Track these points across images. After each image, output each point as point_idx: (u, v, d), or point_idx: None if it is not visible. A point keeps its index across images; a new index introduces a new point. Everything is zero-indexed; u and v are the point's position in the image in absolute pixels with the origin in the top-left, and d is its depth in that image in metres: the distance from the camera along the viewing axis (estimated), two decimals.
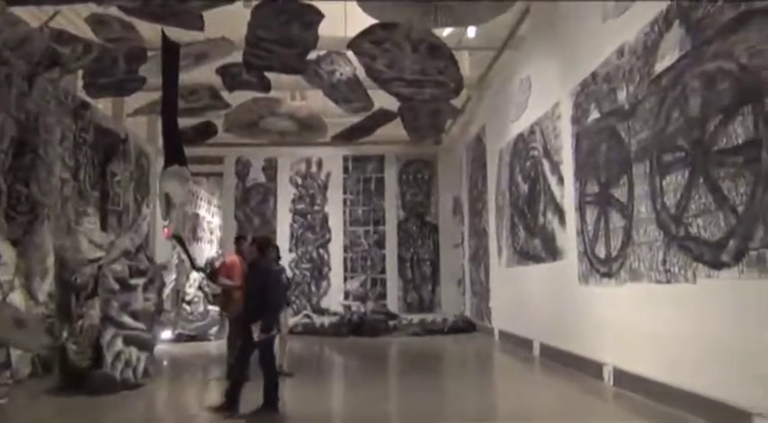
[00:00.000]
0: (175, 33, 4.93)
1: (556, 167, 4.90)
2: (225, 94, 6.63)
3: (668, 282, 3.17)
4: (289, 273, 5.25)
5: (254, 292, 3.44)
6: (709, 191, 2.79)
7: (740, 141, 2.57)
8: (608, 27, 3.88)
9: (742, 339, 2.59)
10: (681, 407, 3.01)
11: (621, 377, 3.73)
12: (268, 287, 3.45)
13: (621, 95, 3.69)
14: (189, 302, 7.67)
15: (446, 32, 6.65)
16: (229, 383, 3.39)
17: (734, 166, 2.61)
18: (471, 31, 7.13)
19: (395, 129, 7.25)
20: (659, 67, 3.23)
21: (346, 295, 9.67)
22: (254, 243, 3.82)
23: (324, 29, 5.03)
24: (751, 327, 2.53)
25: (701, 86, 2.85)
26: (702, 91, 2.84)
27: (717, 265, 2.74)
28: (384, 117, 7.01)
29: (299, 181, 9.95)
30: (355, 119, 7.19)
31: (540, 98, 5.35)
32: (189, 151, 5.04)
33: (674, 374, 3.13)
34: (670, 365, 3.18)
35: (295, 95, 8.14)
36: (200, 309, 7.67)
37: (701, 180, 2.86)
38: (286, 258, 8.74)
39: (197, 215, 12.09)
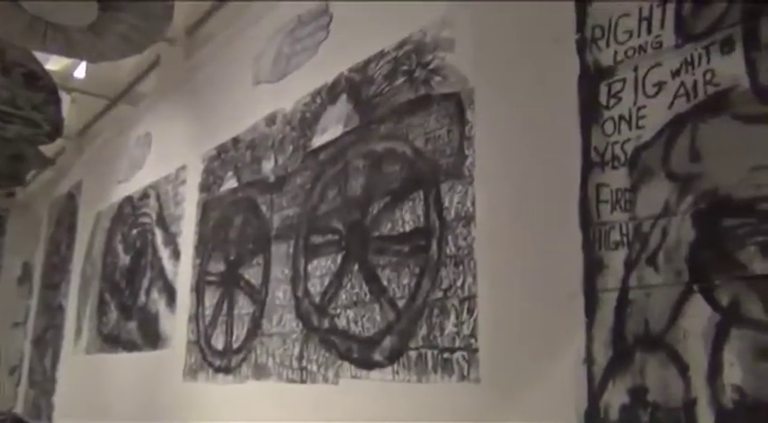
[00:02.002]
0: None
1: (172, 239, 4.22)
2: None
3: (303, 381, 2.76)
4: None
5: None
6: (366, 280, 2.53)
7: (407, 229, 2.38)
8: (259, 91, 3.54)
9: None
10: None
11: None
12: None
13: (267, 166, 3.32)
14: None
15: (52, 64, 5.57)
16: None
17: (397, 254, 2.39)
18: (81, 71, 6.16)
19: None
20: (318, 140, 2.97)
21: None
22: None
23: None
24: None
25: (366, 166, 2.64)
26: (368, 171, 2.63)
27: (367, 364, 2.44)
28: None
29: None
30: None
31: (161, 159, 4.68)
32: None
33: None
34: None
35: None
36: None
37: (356, 267, 2.59)
38: None
39: None
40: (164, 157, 4.64)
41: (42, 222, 7.48)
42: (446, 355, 2.12)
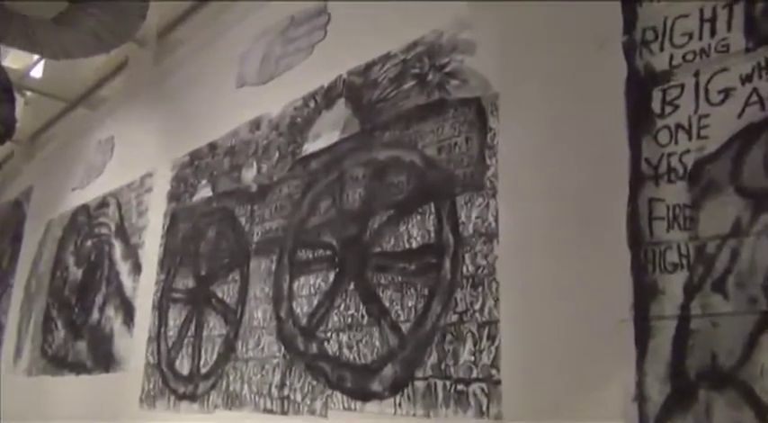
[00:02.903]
0: None
1: (132, 251, 3.88)
2: None
3: (285, 412, 2.47)
4: None
5: None
6: (363, 301, 2.28)
7: (414, 245, 2.15)
8: (243, 94, 3.29)
9: None
10: None
11: None
12: None
13: (248, 174, 3.06)
14: None
15: (9, 61, 5.21)
16: None
17: (402, 273, 2.16)
18: (38, 71, 5.79)
19: None
20: (310, 147, 2.73)
21: None
22: None
23: None
24: None
25: (367, 176, 2.41)
26: (368, 181, 2.40)
27: (362, 395, 2.18)
28: None
29: None
30: None
31: (124, 165, 4.34)
32: None
33: None
34: None
35: None
36: None
37: (352, 286, 2.34)
38: None
39: None
40: (127, 164, 4.30)
41: None
42: (460, 386, 1.88)
